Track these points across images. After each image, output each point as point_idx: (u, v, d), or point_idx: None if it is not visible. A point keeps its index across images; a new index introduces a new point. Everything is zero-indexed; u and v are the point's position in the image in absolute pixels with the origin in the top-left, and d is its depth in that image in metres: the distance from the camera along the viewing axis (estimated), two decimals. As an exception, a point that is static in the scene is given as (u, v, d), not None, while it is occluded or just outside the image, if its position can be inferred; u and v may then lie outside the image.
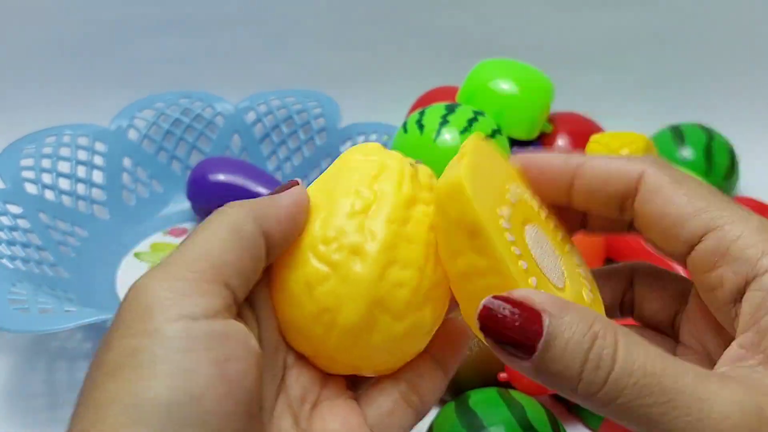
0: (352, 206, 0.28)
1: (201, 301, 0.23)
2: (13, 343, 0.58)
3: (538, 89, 0.68)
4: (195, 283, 0.24)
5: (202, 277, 0.24)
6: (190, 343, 0.22)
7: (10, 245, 0.58)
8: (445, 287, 0.29)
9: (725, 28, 0.84)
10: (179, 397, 0.21)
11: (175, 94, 0.78)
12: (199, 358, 0.22)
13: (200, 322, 0.23)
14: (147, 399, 0.21)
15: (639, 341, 0.22)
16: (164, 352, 0.22)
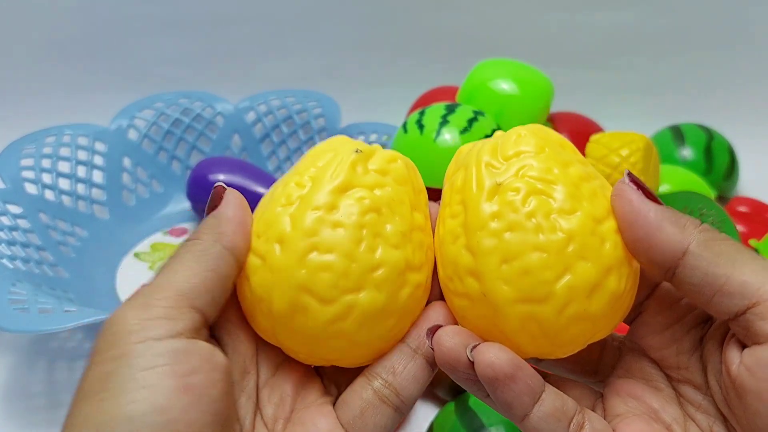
0: (287, 197, 0.29)
1: (166, 324, 0.25)
2: (13, 343, 0.58)
3: (538, 89, 0.68)
4: (162, 309, 0.25)
5: (168, 303, 0.25)
6: (154, 361, 0.24)
7: (10, 245, 0.58)
8: (396, 271, 0.29)
9: (725, 28, 0.84)
10: (144, 408, 0.23)
11: (175, 94, 0.78)
12: (163, 372, 0.24)
13: (163, 342, 0.24)
14: (115, 415, 0.23)
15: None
16: (130, 372, 0.24)
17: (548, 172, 0.29)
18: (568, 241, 0.27)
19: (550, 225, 0.28)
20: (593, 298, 0.28)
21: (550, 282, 0.27)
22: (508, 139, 0.30)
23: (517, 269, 0.28)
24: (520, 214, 0.28)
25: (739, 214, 0.68)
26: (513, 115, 0.66)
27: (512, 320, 0.28)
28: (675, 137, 0.73)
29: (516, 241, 0.28)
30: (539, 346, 0.29)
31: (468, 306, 0.29)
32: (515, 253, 0.28)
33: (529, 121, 0.68)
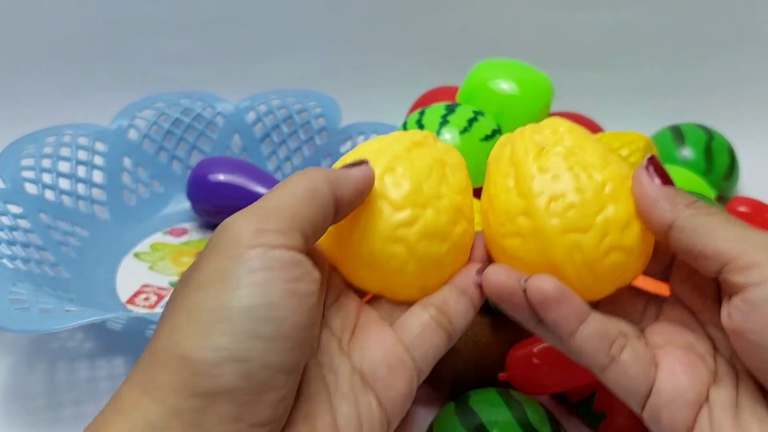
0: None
1: (279, 237, 0.29)
2: (13, 343, 0.58)
3: (538, 89, 0.68)
4: (276, 224, 0.29)
5: (282, 222, 0.29)
6: (267, 264, 0.28)
7: (11, 245, 0.58)
8: (455, 207, 0.36)
9: (725, 28, 0.84)
10: (257, 302, 0.27)
11: (176, 94, 0.78)
12: (274, 276, 0.28)
13: (275, 251, 0.28)
14: (231, 304, 0.27)
15: None
16: (245, 271, 0.28)
17: (582, 142, 0.36)
18: (603, 185, 0.34)
19: (587, 174, 0.34)
20: (626, 232, 0.34)
21: (591, 216, 0.34)
22: (545, 122, 0.38)
23: (563, 206, 0.34)
24: (562, 166, 0.35)
25: (739, 214, 0.68)
26: (513, 115, 0.66)
27: (559, 249, 0.34)
28: (675, 137, 0.73)
29: (561, 184, 0.34)
30: (582, 276, 0.34)
31: (520, 243, 0.35)
32: (561, 193, 0.34)
33: (529, 121, 0.68)
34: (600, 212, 0.34)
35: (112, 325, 0.52)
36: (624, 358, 0.33)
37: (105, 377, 0.55)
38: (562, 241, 0.34)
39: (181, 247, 0.70)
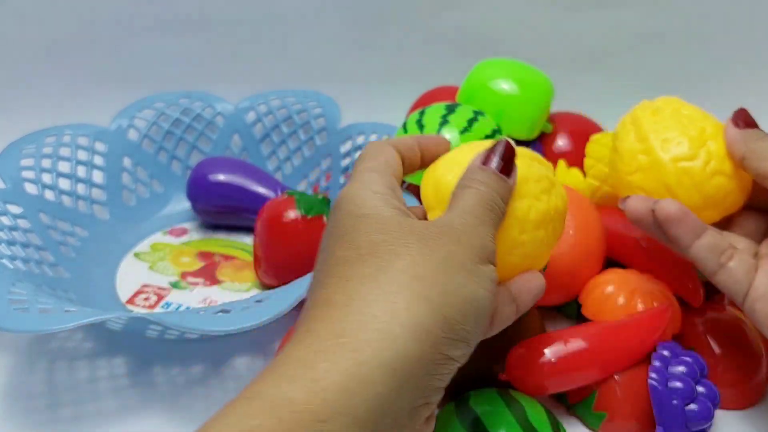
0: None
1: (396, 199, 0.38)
2: (13, 343, 0.58)
3: (538, 89, 0.68)
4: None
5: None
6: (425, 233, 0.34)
7: (10, 245, 0.58)
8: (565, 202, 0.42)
9: (725, 28, 0.84)
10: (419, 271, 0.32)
11: (175, 94, 0.78)
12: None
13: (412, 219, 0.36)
14: (396, 269, 0.32)
15: None
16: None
17: (688, 107, 0.50)
18: (703, 129, 0.47)
19: (691, 122, 0.48)
20: (726, 161, 0.46)
21: (695, 148, 0.46)
22: (660, 99, 0.53)
23: (673, 143, 0.47)
24: (669, 119, 0.48)
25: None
26: (513, 115, 0.66)
27: (672, 174, 0.46)
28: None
29: (670, 130, 0.48)
30: (692, 197, 0.46)
31: (642, 176, 0.48)
32: (671, 136, 0.47)
33: (528, 121, 0.68)
34: (703, 146, 0.46)
35: (112, 325, 0.52)
36: (731, 265, 0.42)
37: (105, 377, 0.55)
38: (674, 168, 0.46)
39: (181, 247, 0.70)
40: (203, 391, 0.54)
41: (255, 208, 0.67)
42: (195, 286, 0.65)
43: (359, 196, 0.36)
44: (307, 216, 0.60)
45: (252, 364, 0.57)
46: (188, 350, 0.58)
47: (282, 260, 0.61)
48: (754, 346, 0.51)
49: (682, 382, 0.45)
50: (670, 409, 0.44)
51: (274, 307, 0.48)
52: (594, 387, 0.49)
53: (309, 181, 0.75)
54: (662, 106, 0.50)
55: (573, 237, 0.56)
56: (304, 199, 0.61)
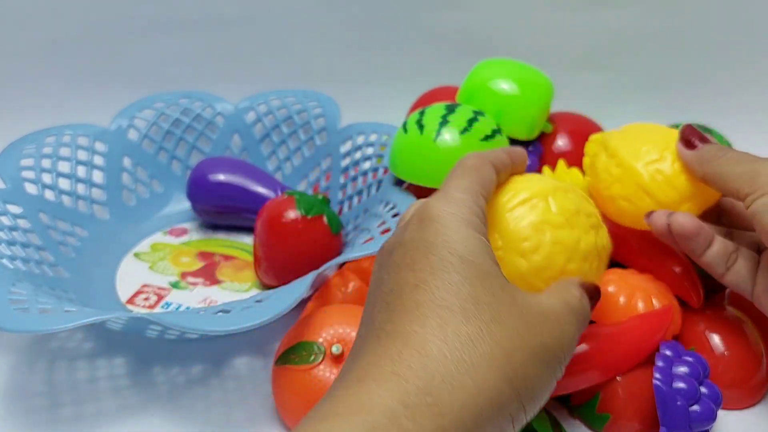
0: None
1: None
2: (13, 343, 0.58)
3: (538, 89, 0.68)
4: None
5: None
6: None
7: (10, 245, 0.58)
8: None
9: (725, 28, 0.84)
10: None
11: (175, 94, 0.78)
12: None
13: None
14: (495, 341, 0.30)
15: None
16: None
17: (644, 126, 0.56)
18: (666, 137, 0.52)
19: (656, 134, 0.53)
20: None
21: (662, 151, 0.51)
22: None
23: (641, 151, 0.51)
24: (634, 135, 0.54)
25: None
26: (513, 115, 0.66)
27: (645, 176, 0.50)
28: (675, 137, 0.73)
29: (637, 142, 0.52)
30: (667, 194, 0.50)
31: (619, 186, 0.52)
32: (638, 146, 0.52)
33: (528, 121, 0.68)
34: (667, 149, 0.51)
35: (112, 325, 0.52)
36: (736, 267, 0.47)
37: (105, 377, 0.55)
38: (645, 171, 0.50)
39: (181, 247, 0.70)
40: (203, 391, 0.54)
41: (255, 208, 0.67)
42: (195, 286, 0.65)
43: (451, 225, 0.33)
44: (307, 216, 0.60)
45: (252, 364, 0.57)
46: (188, 350, 0.58)
47: (282, 260, 0.61)
48: (754, 346, 0.51)
49: (686, 382, 0.45)
50: (675, 409, 0.44)
51: (274, 307, 0.48)
52: (597, 389, 0.49)
53: (309, 181, 0.75)
54: (627, 128, 0.55)
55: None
56: (304, 199, 0.61)
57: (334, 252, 0.62)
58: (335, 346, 0.49)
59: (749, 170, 0.44)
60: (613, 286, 0.53)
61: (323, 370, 0.48)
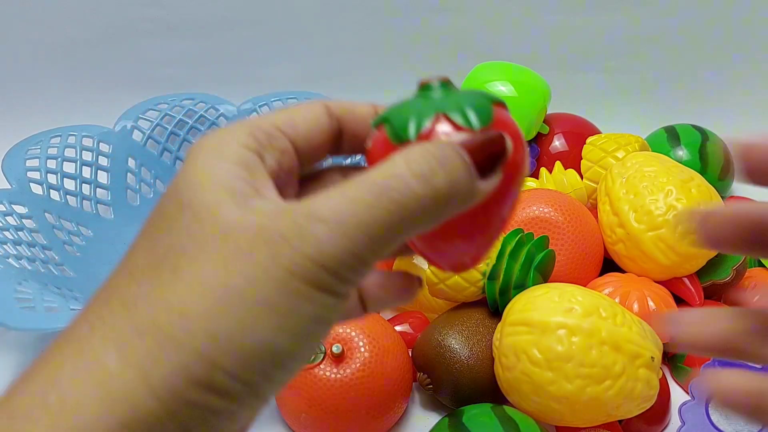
0: None
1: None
2: (19, 342, 0.59)
3: (534, 91, 0.68)
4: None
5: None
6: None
7: (16, 245, 0.59)
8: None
9: (719, 30, 0.85)
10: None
11: (179, 96, 0.78)
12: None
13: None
14: (166, 294, 0.22)
15: None
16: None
17: (643, 167, 0.57)
18: (669, 192, 0.54)
19: (657, 186, 0.55)
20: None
21: (665, 214, 0.53)
22: (628, 157, 0.60)
23: (643, 212, 0.54)
24: (637, 186, 0.56)
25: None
26: (510, 116, 0.67)
27: (648, 243, 0.54)
28: (670, 138, 0.74)
29: (639, 197, 0.55)
30: (669, 257, 0.54)
31: (623, 246, 0.56)
32: (640, 205, 0.55)
33: (525, 122, 0.69)
34: (670, 209, 0.53)
35: (117, 323, 0.53)
36: None
37: (109, 374, 0.56)
38: (647, 238, 0.54)
39: (183, 246, 0.71)
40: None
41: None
42: (198, 285, 0.65)
43: (198, 170, 0.23)
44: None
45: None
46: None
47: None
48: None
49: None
50: None
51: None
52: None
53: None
54: (629, 172, 0.57)
55: (571, 242, 0.57)
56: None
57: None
58: (335, 345, 0.49)
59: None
60: (611, 288, 0.54)
61: (324, 370, 0.49)
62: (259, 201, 0.22)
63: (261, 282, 0.21)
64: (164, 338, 0.21)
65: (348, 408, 0.49)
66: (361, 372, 0.49)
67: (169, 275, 0.22)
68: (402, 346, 0.53)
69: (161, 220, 0.24)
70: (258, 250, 0.21)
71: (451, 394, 0.52)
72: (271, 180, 0.24)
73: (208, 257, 0.21)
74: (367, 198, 0.21)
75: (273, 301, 0.21)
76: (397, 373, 0.51)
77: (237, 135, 0.24)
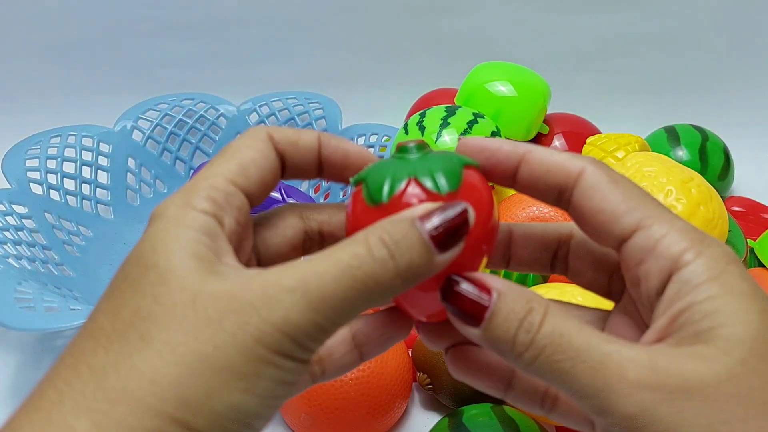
0: None
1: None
2: (19, 342, 0.59)
3: (535, 91, 0.68)
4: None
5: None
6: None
7: (16, 245, 0.59)
8: None
9: (719, 31, 0.85)
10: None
11: (179, 96, 0.78)
12: None
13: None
14: (137, 362, 0.22)
15: (563, 312, 0.24)
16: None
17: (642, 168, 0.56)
18: (668, 192, 0.53)
19: (656, 187, 0.54)
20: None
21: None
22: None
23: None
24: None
25: (735, 214, 0.69)
26: (510, 116, 0.67)
27: None
28: (670, 138, 0.74)
29: None
30: None
31: None
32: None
33: (526, 122, 0.69)
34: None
35: (117, 323, 0.53)
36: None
37: (109, 374, 0.56)
38: None
39: (183, 246, 0.71)
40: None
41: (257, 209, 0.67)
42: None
43: (162, 236, 0.24)
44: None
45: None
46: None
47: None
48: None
49: None
50: None
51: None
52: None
53: (310, 182, 0.75)
54: (629, 172, 0.56)
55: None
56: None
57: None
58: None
59: None
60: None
61: (323, 368, 0.49)
62: (226, 268, 0.23)
63: (229, 349, 0.22)
64: (137, 405, 0.21)
65: (348, 408, 0.49)
66: (360, 372, 0.49)
67: (138, 342, 0.22)
68: (402, 346, 0.53)
69: (125, 284, 0.24)
70: (227, 318, 0.22)
71: (451, 394, 0.52)
72: (230, 245, 0.25)
73: (178, 325, 0.22)
74: (333, 272, 0.22)
75: (240, 367, 0.22)
76: (396, 373, 0.51)
77: (196, 200, 0.25)
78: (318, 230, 0.29)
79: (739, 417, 0.22)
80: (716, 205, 0.54)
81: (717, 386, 0.22)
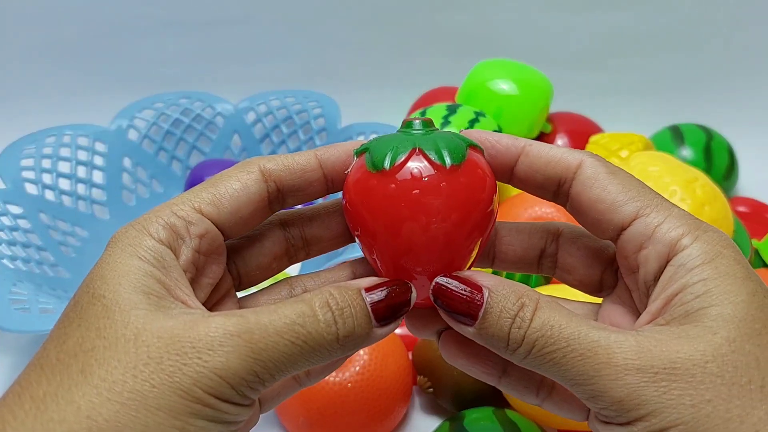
0: None
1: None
2: (14, 343, 0.58)
3: (537, 89, 0.68)
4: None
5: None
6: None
7: (11, 245, 0.59)
8: None
9: (723, 29, 0.85)
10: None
11: (175, 95, 0.78)
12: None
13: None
14: (74, 398, 0.22)
15: (554, 305, 0.25)
16: None
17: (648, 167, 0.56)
18: (673, 192, 0.53)
19: (660, 186, 0.53)
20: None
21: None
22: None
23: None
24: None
25: (739, 214, 0.68)
26: (512, 115, 0.67)
27: None
28: (674, 137, 0.73)
29: None
30: None
31: None
32: None
33: (528, 121, 0.68)
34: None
35: (112, 326, 0.52)
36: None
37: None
38: None
39: (181, 247, 0.70)
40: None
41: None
42: (195, 286, 0.65)
43: (112, 266, 0.25)
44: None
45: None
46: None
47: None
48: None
49: None
50: None
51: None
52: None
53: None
54: (633, 171, 0.55)
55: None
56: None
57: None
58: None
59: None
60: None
61: (322, 371, 0.48)
62: (173, 305, 0.24)
63: (166, 388, 0.22)
64: None
65: (347, 412, 0.48)
66: (360, 375, 0.49)
67: (78, 376, 0.22)
68: (402, 349, 0.52)
69: (73, 313, 0.24)
70: (168, 358, 0.22)
71: (452, 397, 0.51)
72: (185, 276, 0.25)
73: (118, 362, 0.22)
74: (277, 326, 0.23)
75: (176, 407, 0.22)
76: (397, 376, 0.50)
77: (153, 227, 0.25)
78: (300, 236, 0.30)
79: (723, 396, 0.22)
80: (721, 205, 0.53)
81: (702, 366, 0.23)
